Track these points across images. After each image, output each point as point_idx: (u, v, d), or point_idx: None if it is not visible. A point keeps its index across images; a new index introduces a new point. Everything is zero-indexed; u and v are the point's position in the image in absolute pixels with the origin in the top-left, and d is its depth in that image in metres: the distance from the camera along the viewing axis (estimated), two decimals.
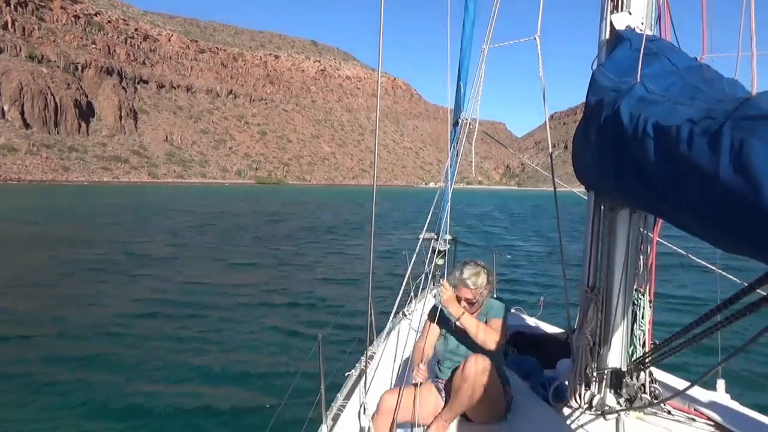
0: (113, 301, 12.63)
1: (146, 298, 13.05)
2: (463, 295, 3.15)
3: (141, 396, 6.98)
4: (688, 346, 2.24)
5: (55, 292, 13.63)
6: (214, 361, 8.42)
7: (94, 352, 8.76)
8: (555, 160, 3.75)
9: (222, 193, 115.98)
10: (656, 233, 3.16)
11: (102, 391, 7.16)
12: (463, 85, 5.54)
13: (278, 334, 10.11)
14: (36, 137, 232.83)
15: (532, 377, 3.54)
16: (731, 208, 1.26)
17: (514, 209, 72.71)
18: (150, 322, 10.72)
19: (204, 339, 9.61)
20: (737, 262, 1.89)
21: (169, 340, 9.52)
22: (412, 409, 2.96)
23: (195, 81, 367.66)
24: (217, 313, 11.56)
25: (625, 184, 2.10)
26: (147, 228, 33.00)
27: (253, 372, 7.99)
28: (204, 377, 7.76)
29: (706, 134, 1.36)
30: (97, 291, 13.78)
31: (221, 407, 6.68)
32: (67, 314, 11.28)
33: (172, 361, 8.40)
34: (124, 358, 8.50)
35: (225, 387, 7.37)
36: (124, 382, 7.47)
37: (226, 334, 9.95)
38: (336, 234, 31.09)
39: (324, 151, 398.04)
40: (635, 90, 2.06)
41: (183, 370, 8.04)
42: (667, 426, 2.99)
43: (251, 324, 10.82)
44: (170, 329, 10.25)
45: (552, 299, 9.43)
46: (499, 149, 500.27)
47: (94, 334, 9.83)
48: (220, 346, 9.17)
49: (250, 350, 9.04)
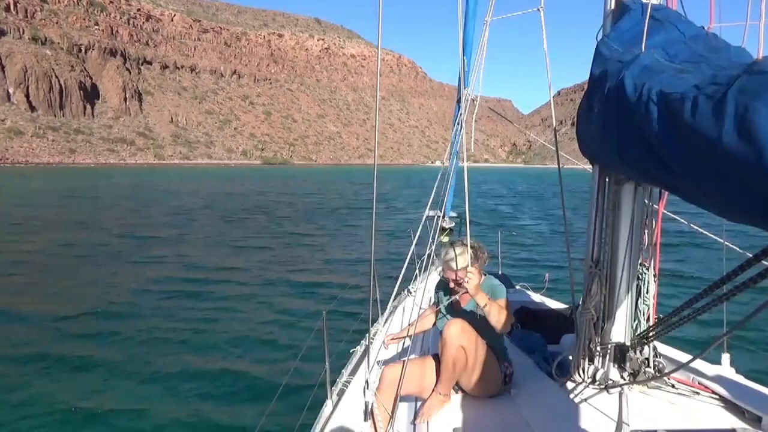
0: (123, 281, 12.77)
1: (152, 279, 13.17)
2: (449, 276, 3.14)
3: (149, 370, 7.14)
4: (693, 319, 2.23)
5: (68, 275, 13.69)
6: (219, 338, 8.52)
7: (111, 329, 8.91)
8: (562, 137, 3.73)
9: (228, 175, 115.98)
10: (661, 207, 3.14)
11: (119, 362, 7.34)
12: (466, 60, 5.46)
13: (282, 312, 10.21)
14: (42, 120, 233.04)
15: (536, 352, 3.55)
16: (735, 173, 1.25)
17: (519, 187, 72.47)
18: (157, 302, 10.83)
19: (209, 318, 9.72)
20: (742, 240, 1.87)
21: (174, 318, 9.66)
22: (414, 383, 2.98)
23: (199, 61, 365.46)
24: (222, 292, 11.67)
25: (629, 155, 2.08)
26: (153, 210, 33.13)
27: (257, 349, 8.09)
28: (209, 354, 7.86)
29: (711, 100, 1.35)
30: (106, 273, 13.88)
31: (225, 383, 6.78)
32: (84, 294, 11.44)
33: (175, 338, 8.52)
34: (133, 332, 8.67)
35: (229, 364, 7.46)
36: (133, 353, 7.62)
37: (231, 312, 10.06)
38: (340, 214, 31.13)
39: (329, 131, 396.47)
40: (640, 59, 2.03)
41: (187, 346, 8.16)
42: (671, 399, 3.00)
43: (256, 302, 10.92)
44: (175, 307, 10.39)
45: (557, 276, 9.44)
46: (505, 127, 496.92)
47: (104, 312, 9.95)
48: (225, 325, 9.27)
49: (254, 327, 9.13)
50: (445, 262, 3.15)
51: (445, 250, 3.19)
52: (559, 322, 4.10)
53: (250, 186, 65.92)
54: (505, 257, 8.72)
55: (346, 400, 3.40)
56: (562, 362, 3.27)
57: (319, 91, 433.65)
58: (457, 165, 5.56)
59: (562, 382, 3.16)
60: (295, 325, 9.19)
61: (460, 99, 5.40)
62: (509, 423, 2.83)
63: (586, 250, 3.11)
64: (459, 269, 3.05)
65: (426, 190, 3.41)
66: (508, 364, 3.16)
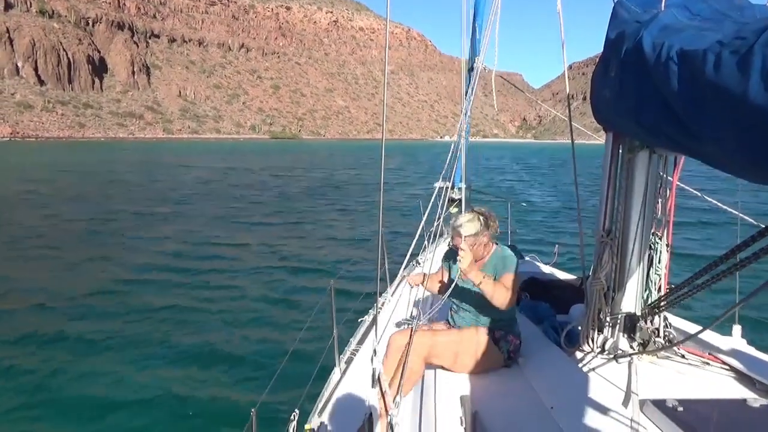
0: (131, 257, 12.86)
1: (165, 251, 13.26)
2: (456, 243, 3.08)
3: (156, 343, 7.24)
4: (705, 288, 2.20)
5: (67, 254, 13.45)
6: (228, 310, 8.63)
7: (120, 303, 8.99)
8: (573, 112, 3.66)
9: (237, 149, 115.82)
10: (676, 177, 3.08)
11: (129, 335, 7.45)
12: (478, 29, 5.35)
13: (291, 283, 10.30)
14: (51, 94, 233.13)
15: (545, 322, 3.53)
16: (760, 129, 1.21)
17: (531, 161, 71.97)
18: (168, 275, 10.92)
19: (218, 290, 9.82)
20: (756, 206, 1.81)
21: (184, 292, 9.75)
22: (422, 350, 2.97)
23: (206, 34, 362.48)
24: (230, 265, 11.78)
25: (646, 118, 2.03)
26: (159, 186, 33.23)
27: (266, 319, 8.19)
28: (217, 326, 7.96)
29: (736, 54, 1.31)
30: (109, 251, 13.81)
31: (234, 353, 6.88)
32: (85, 272, 11.48)
33: (184, 310, 8.63)
34: (143, 304, 8.79)
35: (238, 334, 7.57)
36: (144, 327, 7.72)
37: (240, 285, 10.14)
38: (349, 188, 31.13)
39: (338, 105, 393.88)
40: (659, 18, 1.97)
41: (196, 319, 8.26)
42: (681, 370, 2.98)
43: (265, 274, 11.02)
44: (185, 280, 10.47)
45: (567, 249, 9.41)
46: (515, 101, 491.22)
47: (108, 290, 10.05)
48: (233, 296, 9.39)
49: (262, 298, 9.24)
50: (454, 228, 3.11)
51: (455, 217, 3.16)
52: (569, 293, 4.07)
53: (260, 161, 65.88)
54: (515, 230, 8.69)
55: (353, 368, 3.42)
56: (571, 332, 3.25)
57: (328, 65, 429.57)
58: (467, 137, 5.49)
59: (570, 351, 3.15)
60: (304, 295, 9.27)
61: (472, 68, 5.31)
62: (517, 391, 2.82)
63: (597, 220, 3.07)
64: (466, 236, 3.00)
65: (435, 165, 3.35)
66: (514, 337, 3.11)
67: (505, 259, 3.08)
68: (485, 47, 4.00)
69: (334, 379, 3.29)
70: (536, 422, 2.45)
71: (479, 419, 2.47)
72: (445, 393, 2.82)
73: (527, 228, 15.94)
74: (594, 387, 2.62)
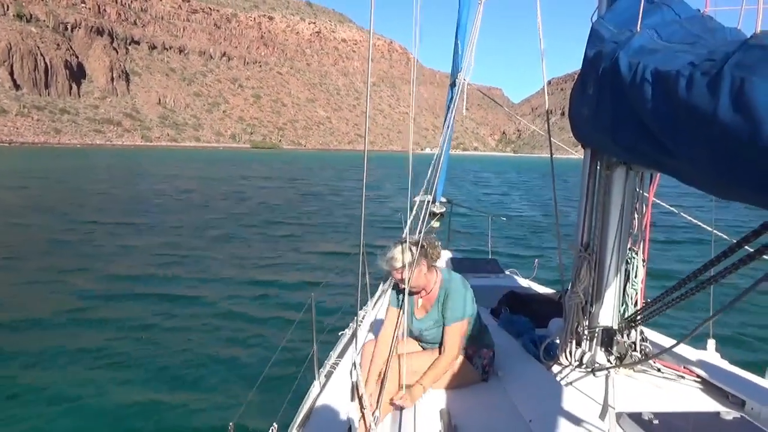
0: (110, 267, 12.63)
1: (139, 263, 13.06)
2: (395, 277, 2.94)
3: (130, 358, 7.07)
4: (680, 302, 2.25)
5: (30, 264, 12.63)
6: (205, 321, 8.50)
7: (94, 313, 8.79)
8: (552, 127, 3.73)
9: (216, 158, 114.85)
10: (652, 193, 3.15)
11: (101, 349, 7.23)
12: (460, 44, 5.43)
13: (271, 294, 10.19)
14: (26, 99, 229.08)
15: (524, 335, 3.56)
16: (730, 147, 1.24)
17: (510, 175, 72.68)
18: (141, 288, 10.75)
19: (194, 299, 9.72)
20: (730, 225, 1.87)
21: (158, 304, 9.56)
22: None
23: (188, 42, 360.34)
24: (207, 277, 11.61)
25: (622, 136, 2.08)
26: (134, 195, 32.75)
27: (244, 330, 8.09)
28: (194, 335, 7.85)
29: (707, 75, 1.35)
30: (78, 262, 13.21)
31: (212, 366, 6.78)
32: (51, 285, 11.13)
33: (160, 323, 8.47)
34: (116, 318, 8.57)
35: (215, 345, 7.46)
36: (117, 341, 7.54)
37: (217, 297, 10.00)
38: (330, 200, 31.04)
39: (319, 116, 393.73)
40: (635, 39, 2.03)
41: (171, 332, 8.10)
42: (656, 383, 3.03)
43: (244, 285, 10.90)
44: (160, 292, 10.30)
45: (546, 263, 9.50)
46: (495, 115, 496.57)
47: (89, 296, 9.86)
48: (211, 306, 9.26)
49: (240, 311, 9.12)
50: (387, 262, 2.90)
51: (386, 251, 2.94)
52: (548, 307, 4.11)
53: (240, 171, 65.44)
54: (495, 243, 8.76)
55: (333, 382, 3.40)
56: (550, 345, 3.28)
57: (310, 76, 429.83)
58: (448, 150, 5.54)
59: (549, 365, 3.18)
60: (284, 308, 9.18)
61: (453, 83, 5.37)
62: (496, 405, 2.83)
63: (575, 235, 3.12)
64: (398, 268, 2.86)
65: (416, 177, 3.37)
66: (486, 350, 3.10)
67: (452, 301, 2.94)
68: (468, 63, 4.05)
69: (314, 392, 3.27)
70: None
71: None
72: (425, 406, 2.82)
73: (507, 242, 16.06)
74: (571, 400, 2.64)
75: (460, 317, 2.93)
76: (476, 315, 3.10)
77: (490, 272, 6.02)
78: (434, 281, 3.02)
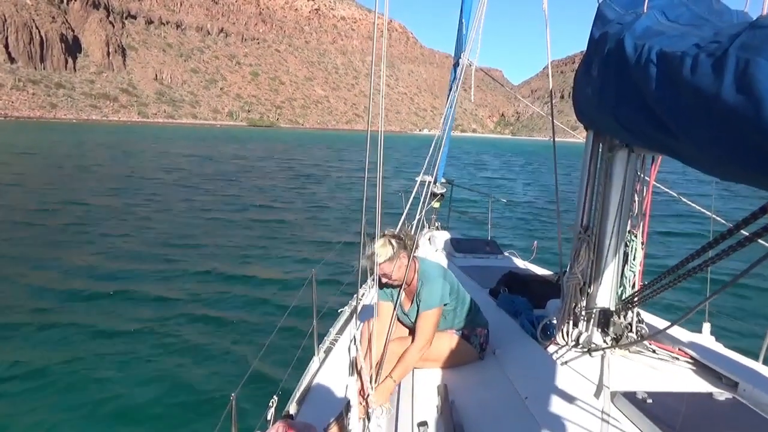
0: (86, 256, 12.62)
1: (138, 238, 13.07)
2: (380, 272, 2.93)
3: (132, 330, 7.12)
4: (677, 284, 2.28)
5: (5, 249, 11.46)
6: (206, 296, 8.56)
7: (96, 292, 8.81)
8: (548, 111, 3.71)
9: (214, 135, 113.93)
10: (653, 176, 3.16)
11: (108, 322, 7.27)
12: (465, 23, 5.38)
13: (272, 270, 10.22)
14: (21, 72, 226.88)
15: (522, 315, 3.60)
16: (732, 128, 1.25)
17: (510, 158, 72.57)
18: (142, 262, 10.78)
19: (197, 274, 9.77)
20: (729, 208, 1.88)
21: (160, 278, 9.63)
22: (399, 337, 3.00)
23: (185, 17, 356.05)
24: (211, 252, 11.64)
25: (625, 117, 2.09)
26: (127, 173, 32.56)
27: (245, 306, 8.16)
28: (195, 311, 7.89)
29: (712, 57, 1.36)
30: (64, 250, 12.40)
31: (213, 340, 6.84)
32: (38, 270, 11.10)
33: (162, 295, 8.54)
34: (116, 292, 8.61)
35: (217, 320, 7.53)
36: (120, 314, 7.60)
37: (218, 272, 10.05)
38: (332, 179, 31.00)
39: (317, 95, 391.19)
40: (641, 20, 2.03)
41: (174, 303, 8.18)
42: (651, 363, 3.07)
43: (244, 261, 10.93)
44: (161, 267, 10.34)
45: (545, 245, 9.55)
46: (494, 97, 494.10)
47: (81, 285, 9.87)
48: (212, 284, 9.29)
49: (242, 286, 9.17)
50: (368, 258, 2.87)
51: (368, 247, 2.89)
52: (546, 288, 4.15)
53: (240, 149, 65.09)
54: (494, 225, 8.79)
55: (332, 357, 3.44)
56: (547, 325, 3.32)
57: (308, 54, 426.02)
58: (450, 131, 5.54)
59: (546, 344, 3.22)
60: (285, 284, 9.23)
61: (457, 63, 5.34)
62: (493, 382, 2.88)
63: (575, 216, 3.14)
64: (381, 264, 2.87)
65: (417, 159, 3.33)
66: (481, 328, 3.15)
67: (426, 292, 2.94)
68: (471, 43, 4.03)
69: (313, 367, 3.31)
70: (511, 412, 2.51)
71: (455, 408, 2.52)
72: (422, 383, 2.87)
73: (507, 223, 16.11)
74: (567, 379, 2.68)
75: (433, 305, 2.92)
76: (467, 297, 3.15)
77: (489, 253, 6.07)
78: (414, 272, 3.03)
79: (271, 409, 2.83)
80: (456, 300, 3.07)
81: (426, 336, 2.88)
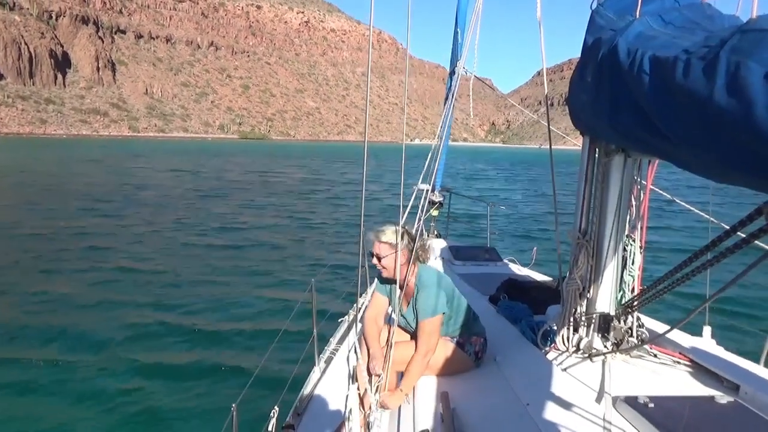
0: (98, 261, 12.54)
1: (142, 241, 12.99)
2: (373, 250, 3.01)
3: (134, 338, 7.12)
4: (676, 287, 2.29)
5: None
6: (207, 305, 8.57)
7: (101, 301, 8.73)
8: (542, 117, 3.74)
9: (206, 149, 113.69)
10: (650, 180, 3.18)
11: (102, 331, 7.22)
12: (460, 32, 5.42)
13: (270, 281, 10.23)
14: (11, 88, 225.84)
15: (522, 321, 3.60)
16: (725, 131, 1.26)
17: (504, 166, 72.86)
18: (140, 273, 10.71)
19: (197, 283, 9.75)
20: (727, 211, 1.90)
21: (158, 286, 9.59)
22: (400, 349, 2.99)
23: (174, 32, 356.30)
24: (210, 262, 11.59)
25: (620, 122, 2.11)
26: (117, 188, 32.41)
27: (244, 316, 8.17)
28: (197, 320, 7.89)
29: (703, 60, 1.37)
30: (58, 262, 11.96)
31: (214, 350, 6.84)
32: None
33: (164, 306, 8.52)
34: (118, 299, 8.53)
35: (216, 330, 7.52)
36: (122, 320, 7.53)
37: (219, 281, 10.05)
38: (327, 189, 31.02)
39: (308, 106, 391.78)
40: (634, 26, 2.06)
41: (175, 314, 8.18)
42: (652, 368, 3.07)
43: (244, 271, 10.93)
44: (162, 278, 10.28)
45: (544, 251, 9.58)
46: (485, 106, 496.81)
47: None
48: (213, 292, 9.29)
49: (242, 296, 9.18)
50: (375, 231, 3.00)
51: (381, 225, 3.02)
52: (545, 294, 4.15)
53: (235, 161, 64.94)
54: (493, 232, 8.81)
55: (333, 367, 3.43)
56: (547, 331, 3.32)
57: (298, 66, 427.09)
58: (447, 140, 5.55)
59: (546, 350, 3.22)
60: (285, 294, 9.21)
61: (452, 72, 5.37)
62: (494, 389, 2.87)
63: (574, 222, 3.15)
64: (379, 242, 2.95)
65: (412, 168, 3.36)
66: (476, 337, 3.13)
67: (423, 300, 2.95)
68: (467, 51, 4.05)
69: (314, 377, 3.30)
70: (512, 419, 2.50)
71: (457, 415, 2.51)
72: (423, 390, 2.86)
73: (506, 230, 16.16)
74: (569, 384, 2.68)
75: (431, 314, 2.91)
76: (463, 306, 3.14)
77: (488, 260, 6.08)
78: (412, 274, 3.02)
79: (272, 419, 2.81)
80: (452, 308, 3.07)
81: (428, 344, 2.88)
